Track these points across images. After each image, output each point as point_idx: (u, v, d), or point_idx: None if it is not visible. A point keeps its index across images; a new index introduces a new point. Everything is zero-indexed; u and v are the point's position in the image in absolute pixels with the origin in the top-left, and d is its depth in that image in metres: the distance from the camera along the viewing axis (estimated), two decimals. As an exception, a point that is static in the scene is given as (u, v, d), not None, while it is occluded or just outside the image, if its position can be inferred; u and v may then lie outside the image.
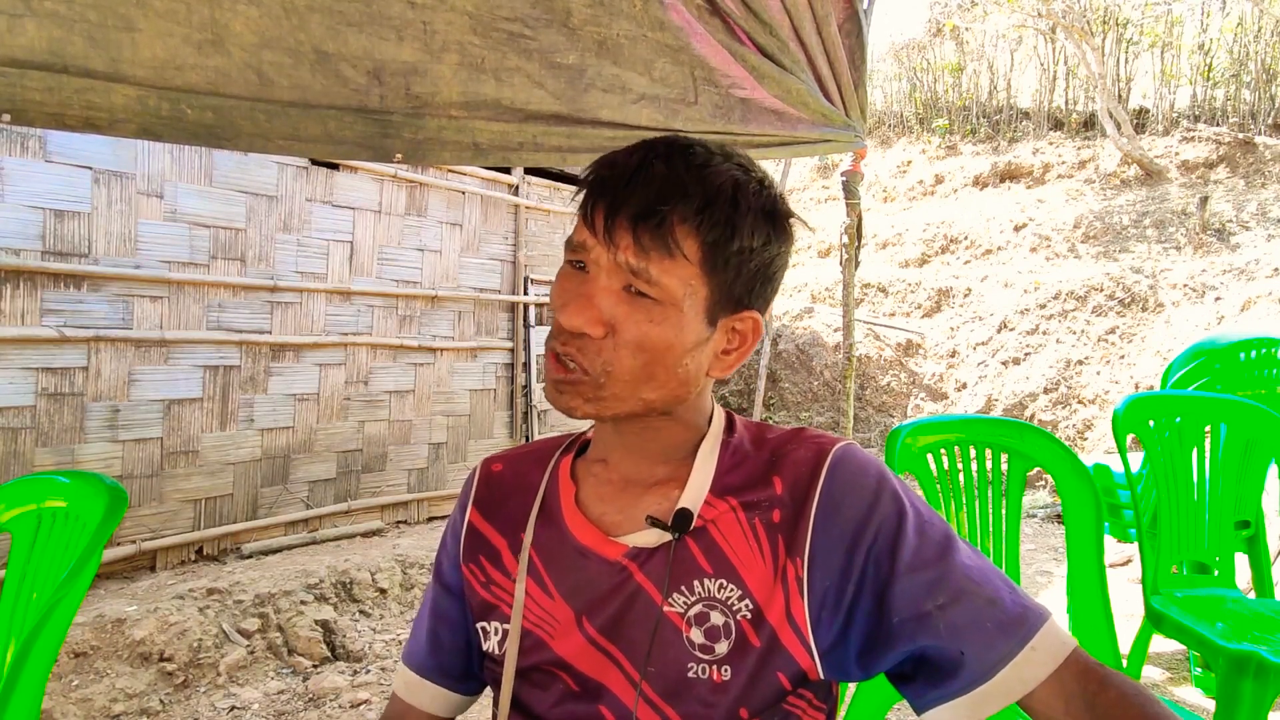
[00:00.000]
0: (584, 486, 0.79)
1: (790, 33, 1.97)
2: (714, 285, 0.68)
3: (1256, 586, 2.31)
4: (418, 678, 0.84)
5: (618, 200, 0.67)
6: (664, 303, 0.67)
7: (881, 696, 1.47)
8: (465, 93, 1.53)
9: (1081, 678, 0.64)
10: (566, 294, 0.70)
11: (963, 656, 0.65)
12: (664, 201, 0.66)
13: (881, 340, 7.13)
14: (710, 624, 0.70)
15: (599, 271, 0.68)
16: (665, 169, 0.67)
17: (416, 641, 0.86)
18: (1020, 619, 0.66)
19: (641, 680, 0.70)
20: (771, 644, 0.69)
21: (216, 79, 1.28)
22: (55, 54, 1.15)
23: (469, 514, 0.83)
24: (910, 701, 0.69)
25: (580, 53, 1.63)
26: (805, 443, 0.75)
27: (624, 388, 0.69)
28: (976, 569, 0.68)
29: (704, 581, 0.70)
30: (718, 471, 0.74)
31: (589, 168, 0.72)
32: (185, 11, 1.23)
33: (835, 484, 0.70)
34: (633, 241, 0.66)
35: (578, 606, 0.73)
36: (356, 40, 1.39)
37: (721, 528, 0.72)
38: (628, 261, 0.66)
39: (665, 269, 0.66)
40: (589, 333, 0.67)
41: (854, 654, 0.69)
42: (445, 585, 0.84)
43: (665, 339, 0.68)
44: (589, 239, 0.68)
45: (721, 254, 0.67)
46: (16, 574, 1.28)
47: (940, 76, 10.49)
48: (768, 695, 0.69)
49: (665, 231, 0.65)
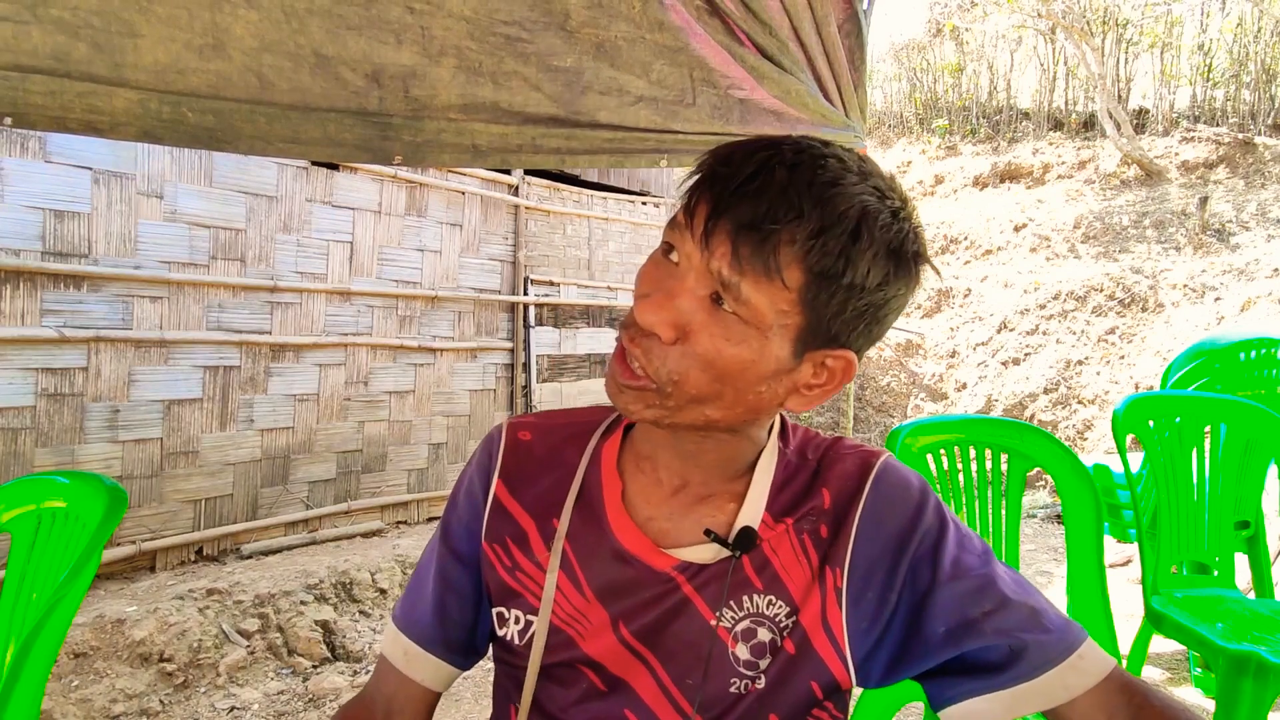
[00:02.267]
0: (631, 484, 0.74)
1: (790, 33, 1.97)
2: (811, 317, 0.61)
3: (1256, 586, 2.31)
4: (420, 649, 0.77)
5: (724, 202, 0.59)
6: (749, 323, 0.61)
7: (890, 697, 1.47)
8: (463, 96, 1.54)
9: (1125, 692, 0.64)
10: (650, 283, 0.64)
11: (1012, 653, 0.65)
12: (775, 218, 0.58)
13: (881, 340, 7.14)
14: (756, 640, 0.69)
15: (688, 271, 0.62)
16: (787, 178, 0.59)
17: (419, 608, 0.78)
18: (1065, 629, 0.66)
19: (678, 693, 0.69)
20: (804, 650, 0.68)
21: (217, 82, 1.29)
22: (59, 59, 1.16)
23: (495, 487, 0.77)
24: (935, 695, 0.68)
25: (578, 55, 1.63)
26: (848, 454, 0.74)
27: (688, 402, 0.63)
28: (1016, 582, 0.69)
29: (753, 598, 0.69)
30: (773, 488, 0.72)
31: (705, 155, 0.64)
32: (187, 17, 1.24)
33: (880, 496, 0.71)
34: (730, 251, 0.59)
35: (614, 611, 0.71)
36: (355, 44, 1.40)
37: (774, 545, 0.71)
38: (720, 271, 0.60)
39: (759, 289, 0.59)
40: (660, 334, 0.62)
41: (884, 662, 0.69)
42: (457, 552, 0.77)
43: (741, 361, 0.62)
44: (684, 235, 0.62)
45: (827, 287, 0.60)
46: (16, 574, 1.28)
47: (940, 77, 10.49)
48: (798, 703, 0.69)
49: (769, 250, 0.58)
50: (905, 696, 1.52)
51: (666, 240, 0.64)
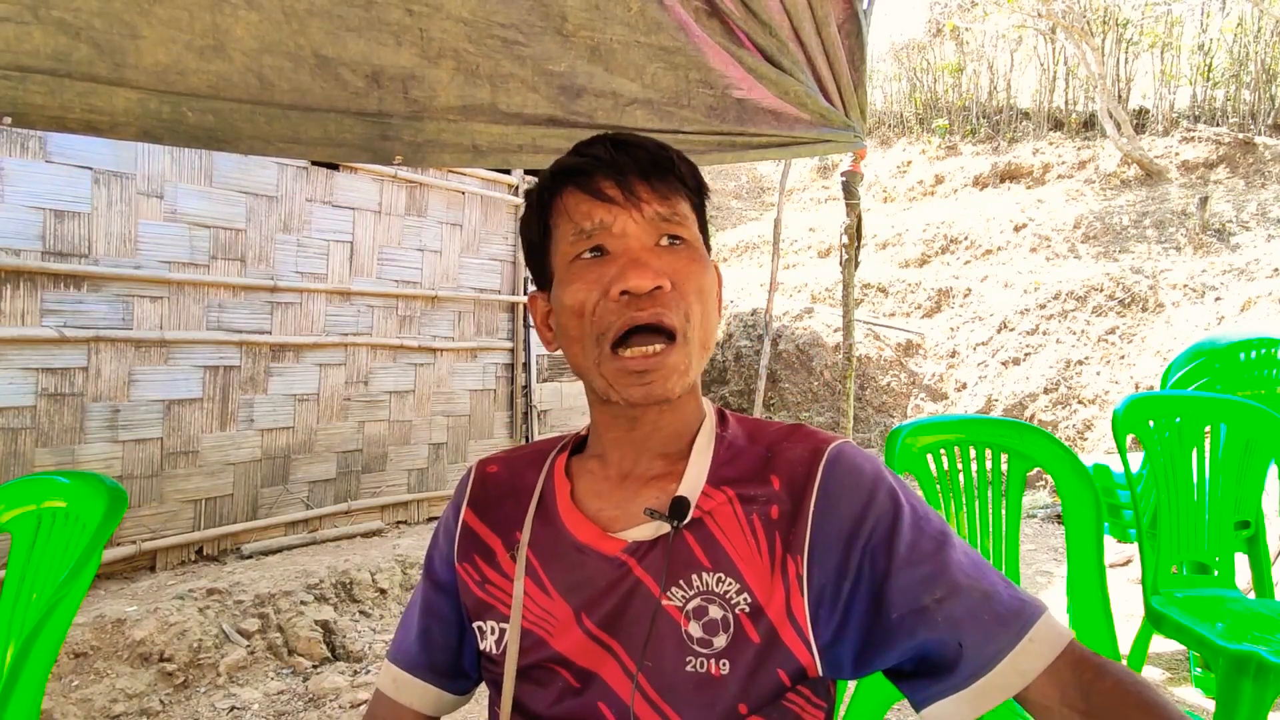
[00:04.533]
0: (579, 483, 0.79)
1: (790, 33, 1.97)
2: (701, 228, 0.76)
3: (1256, 586, 2.31)
4: (408, 675, 0.83)
5: (620, 166, 0.71)
6: (691, 242, 0.73)
7: (881, 695, 1.47)
8: (462, 97, 1.54)
9: (1077, 667, 0.64)
10: (608, 277, 0.71)
11: (961, 649, 0.65)
12: (657, 151, 0.73)
13: (881, 340, 7.13)
14: (708, 618, 0.69)
15: (628, 238, 0.71)
16: (620, 136, 0.74)
17: (406, 639, 0.85)
18: (1017, 612, 0.66)
19: (638, 673, 0.70)
20: (771, 640, 0.69)
21: (217, 83, 1.29)
22: (60, 59, 1.16)
23: (463, 514, 0.82)
24: (910, 698, 0.69)
25: (572, 59, 1.64)
26: (801, 440, 0.75)
27: (698, 342, 0.72)
28: (972, 564, 0.69)
29: (702, 575, 0.70)
30: (714, 464, 0.75)
31: (557, 166, 0.76)
32: (188, 18, 1.24)
33: (832, 481, 0.71)
34: (652, 192, 0.71)
35: (576, 603, 0.73)
36: (355, 45, 1.40)
37: (719, 520, 0.72)
38: (657, 212, 0.71)
39: (684, 212, 0.73)
40: (661, 285, 0.69)
41: (852, 650, 0.69)
42: (437, 583, 0.83)
43: (706, 279, 0.73)
44: (607, 214, 0.71)
45: (701, 193, 0.76)
46: (16, 574, 1.28)
47: (940, 77, 10.49)
48: (766, 691, 0.69)
49: (673, 175, 0.72)
50: (896, 694, 1.52)
51: (584, 246, 0.72)
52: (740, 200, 11.37)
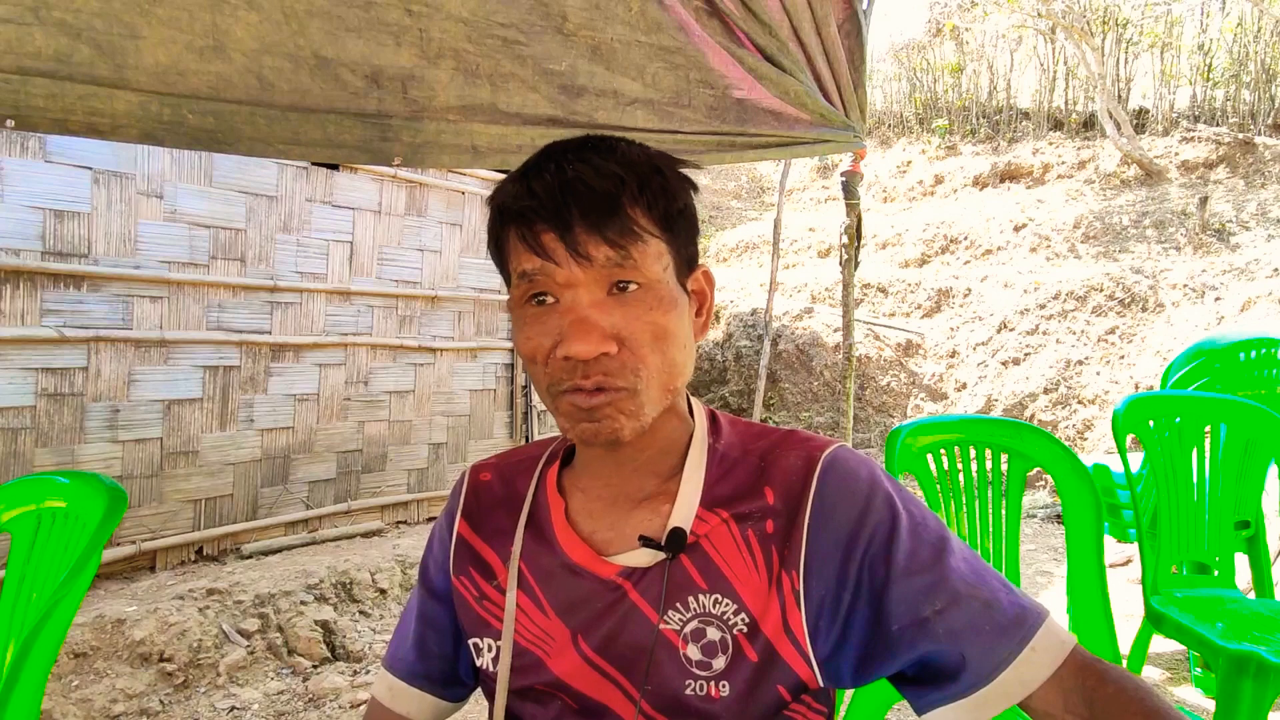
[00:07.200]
0: (572, 500, 0.77)
1: (790, 33, 1.97)
2: (674, 251, 0.69)
3: (1256, 586, 2.31)
4: (403, 684, 0.82)
5: (564, 214, 0.64)
6: (649, 285, 0.66)
7: (881, 697, 1.47)
8: (461, 97, 1.54)
9: (1080, 673, 0.64)
10: (552, 330, 0.66)
11: (963, 659, 0.64)
12: (610, 193, 0.64)
13: (881, 340, 7.13)
14: (706, 640, 0.69)
15: (577, 291, 0.65)
16: (585, 167, 0.65)
17: (401, 647, 0.84)
18: (1019, 620, 0.65)
19: (641, 699, 0.69)
20: (769, 657, 0.68)
21: (218, 84, 1.29)
22: (61, 61, 1.16)
23: (458, 525, 0.81)
24: (911, 703, 0.69)
25: (573, 59, 1.64)
26: (795, 448, 0.73)
27: (656, 388, 0.67)
28: (972, 570, 0.68)
29: (699, 597, 0.69)
30: (707, 482, 0.73)
31: (496, 197, 0.69)
32: (188, 19, 1.24)
33: (827, 491, 0.69)
34: (601, 239, 0.64)
35: (573, 625, 0.72)
36: (355, 46, 1.40)
37: (715, 542, 0.70)
38: (606, 259, 0.64)
39: (641, 252, 0.65)
40: (607, 350, 0.64)
41: (852, 662, 0.68)
42: (432, 590, 0.83)
43: (668, 319, 0.67)
44: (549, 265, 0.65)
45: (672, 219, 0.68)
46: (16, 574, 1.28)
47: (940, 77, 10.49)
48: (767, 708, 0.69)
49: (624, 218, 0.64)
50: (896, 695, 1.52)
51: (529, 290, 0.67)
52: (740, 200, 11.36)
